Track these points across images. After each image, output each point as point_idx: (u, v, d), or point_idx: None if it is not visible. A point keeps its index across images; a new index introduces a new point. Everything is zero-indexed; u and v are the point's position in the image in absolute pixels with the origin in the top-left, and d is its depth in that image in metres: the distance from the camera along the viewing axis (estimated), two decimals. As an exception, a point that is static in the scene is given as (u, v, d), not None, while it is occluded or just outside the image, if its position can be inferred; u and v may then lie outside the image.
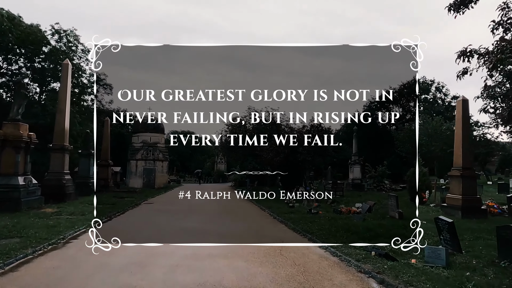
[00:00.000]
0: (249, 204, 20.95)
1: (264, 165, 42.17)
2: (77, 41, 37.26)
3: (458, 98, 18.90)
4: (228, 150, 40.73)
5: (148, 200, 22.69)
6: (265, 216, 15.85)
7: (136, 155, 38.19)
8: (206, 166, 75.02)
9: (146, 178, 38.15)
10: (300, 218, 13.71)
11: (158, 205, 20.19)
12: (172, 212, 16.80)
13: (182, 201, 22.47)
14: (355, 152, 30.44)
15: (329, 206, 18.22)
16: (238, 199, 25.06)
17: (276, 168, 27.61)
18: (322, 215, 14.69)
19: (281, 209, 16.67)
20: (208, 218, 14.80)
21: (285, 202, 18.42)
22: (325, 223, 12.19)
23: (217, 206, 19.94)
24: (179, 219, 14.07)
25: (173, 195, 28.37)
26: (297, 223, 12.43)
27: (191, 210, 17.53)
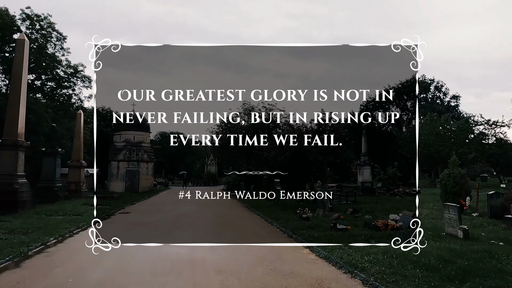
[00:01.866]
0: (249, 214, 16.89)
1: (261, 166, 38.24)
2: (52, 28, 32.73)
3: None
4: (220, 151, 36.55)
5: (126, 208, 18.41)
6: (275, 232, 11.78)
7: (118, 156, 33.79)
8: (196, 168, 70.64)
9: (129, 181, 33.77)
10: (326, 237, 9.70)
11: (135, 215, 15.97)
12: (151, 226, 12.61)
13: (166, 209, 18.28)
14: (364, 152, 26.64)
15: (352, 216, 14.30)
16: (234, 205, 20.93)
17: (276, 169, 23.68)
18: (351, 231, 10.76)
19: (293, 222, 12.66)
20: (197, 236, 10.66)
21: (297, 213, 14.38)
22: (373, 251, 8.13)
23: (210, 216, 15.82)
24: (158, 238, 9.91)
25: (157, 200, 24.11)
26: (330, 250, 8.36)
27: (176, 223, 13.36)
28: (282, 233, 11.40)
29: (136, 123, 35.19)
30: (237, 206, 20.09)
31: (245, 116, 31.67)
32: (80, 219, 13.45)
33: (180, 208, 18.61)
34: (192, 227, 12.47)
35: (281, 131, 20.24)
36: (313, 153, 17.75)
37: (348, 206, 18.52)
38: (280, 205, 19.29)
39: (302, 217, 13.56)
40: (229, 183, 37.18)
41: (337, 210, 16.56)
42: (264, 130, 31.20)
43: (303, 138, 18.14)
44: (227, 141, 31.68)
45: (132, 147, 34.20)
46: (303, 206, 18.48)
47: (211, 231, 11.69)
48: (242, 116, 31.83)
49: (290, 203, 20.99)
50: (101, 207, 18.37)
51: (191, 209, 18.38)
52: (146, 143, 35.76)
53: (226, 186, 38.07)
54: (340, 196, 22.60)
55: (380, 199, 21.77)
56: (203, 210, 17.99)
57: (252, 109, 31.51)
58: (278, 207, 18.19)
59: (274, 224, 12.96)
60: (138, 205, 20.80)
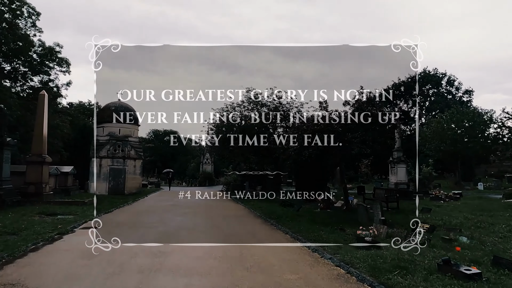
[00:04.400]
0: (271, 230, 11.42)
1: (272, 164, 32.94)
2: (22, 1, 27.10)
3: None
4: (219, 148, 31.08)
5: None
6: (347, 280, 6.41)
7: (100, 152, 28.18)
8: (191, 167, 65.05)
9: (113, 181, 28.19)
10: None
11: (102, 232, 10.54)
12: (115, 265, 7.24)
13: (151, 222, 12.87)
14: (398, 147, 21.37)
15: (436, 238, 9.08)
16: (242, 215, 15.52)
17: (295, 167, 18.64)
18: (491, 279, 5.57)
19: (351, 252, 7.43)
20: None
21: (356, 234, 9.00)
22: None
23: (214, 233, 10.45)
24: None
25: (143, 206, 18.64)
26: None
27: (161, 258, 7.96)
28: (360, 282, 6.06)
29: (122, 113, 29.54)
30: (248, 217, 14.72)
31: (251, 106, 26.24)
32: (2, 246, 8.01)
33: (170, 221, 13.20)
34: (187, 266, 7.05)
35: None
36: (355, 144, 12.49)
37: (399, 217, 13.40)
38: (306, 215, 14.04)
39: (361, 237, 8.28)
40: (229, 183, 31.79)
41: (394, 223, 11.41)
42: (276, 121, 25.85)
43: (339, 125, 12.90)
44: (227, 137, 26.33)
45: (117, 142, 28.61)
46: (338, 217, 13.32)
47: (223, 281, 6.31)
48: (248, 108, 26.41)
49: (313, 211, 15.80)
50: (64, 216, 12.97)
51: (185, 222, 12.96)
52: (134, 138, 30.19)
53: (225, 187, 32.64)
54: (373, 200, 17.47)
55: (426, 205, 16.64)
56: (202, 224, 12.57)
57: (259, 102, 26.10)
58: (305, 219, 12.94)
59: (325, 256, 7.59)
60: (115, 213, 15.34)
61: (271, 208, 16.56)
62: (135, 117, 30.68)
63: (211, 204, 20.33)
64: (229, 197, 25.46)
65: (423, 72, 49.10)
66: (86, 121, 41.20)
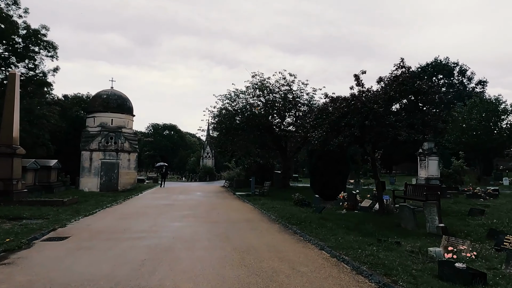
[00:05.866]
0: (298, 243, 8.33)
1: (273, 157, 29.97)
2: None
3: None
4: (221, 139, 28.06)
5: (68, 227, 10.02)
6: None
7: (91, 144, 25.19)
8: (191, 162, 62.06)
9: (105, 177, 25.24)
10: None
11: (66, 249, 7.56)
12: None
13: (140, 227, 9.95)
14: (429, 136, 18.32)
15: None
16: (254, 219, 12.50)
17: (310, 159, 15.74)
18: None
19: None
20: None
21: (441, 256, 6.12)
22: None
23: (223, 250, 7.49)
24: None
25: (133, 207, 15.66)
26: None
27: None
28: None
29: (115, 102, 26.56)
30: (261, 221, 11.72)
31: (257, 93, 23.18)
32: None
33: (164, 228, 10.25)
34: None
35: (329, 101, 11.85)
36: (402, 129, 9.49)
37: (451, 221, 10.51)
38: (332, 218, 11.11)
39: (455, 266, 5.31)
40: (233, 178, 28.84)
41: (452, 231, 8.54)
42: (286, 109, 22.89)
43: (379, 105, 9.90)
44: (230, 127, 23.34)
45: (110, 133, 25.60)
46: (374, 222, 10.44)
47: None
48: (253, 94, 23.37)
49: (337, 212, 12.90)
50: (26, 223, 10.02)
51: (183, 230, 10.00)
52: (128, 129, 27.15)
53: (228, 182, 29.65)
54: (404, 199, 14.58)
55: (469, 204, 13.72)
56: (205, 234, 9.58)
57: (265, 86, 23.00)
58: (335, 224, 10.04)
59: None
60: (97, 217, 12.37)
61: (286, 209, 13.63)
62: (129, 106, 27.67)
63: (214, 203, 17.38)
64: (233, 194, 22.53)
65: (434, 62, 46.02)
66: (79, 112, 38.07)
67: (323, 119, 11.43)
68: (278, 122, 23.92)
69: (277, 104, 22.96)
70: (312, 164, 17.10)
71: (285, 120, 24.29)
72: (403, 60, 11.15)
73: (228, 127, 23.18)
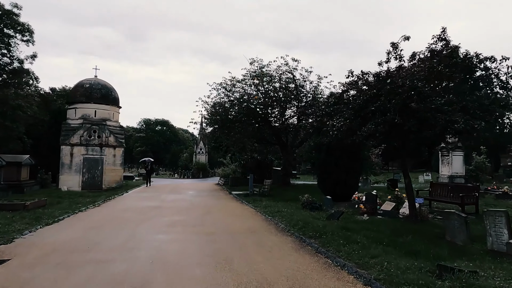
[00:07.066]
0: (326, 272, 5.66)
1: (272, 153, 27.53)
2: None
3: None
4: (214, 134, 25.50)
5: (13, 245, 7.45)
6: None
7: (72, 138, 22.46)
8: (183, 158, 59.38)
9: (88, 174, 22.54)
10: None
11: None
12: None
13: (111, 243, 7.47)
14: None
15: None
16: (259, 229, 9.96)
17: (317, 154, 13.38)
18: None
19: None
20: None
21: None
22: None
23: (222, 286, 5.10)
24: None
25: (114, 209, 13.07)
26: None
27: None
28: None
29: (98, 92, 23.80)
30: (269, 232, 9.25)
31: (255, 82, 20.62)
32: None
33: (142, 245, 7.76)
34: None
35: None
36: (457, 115, 7.14)
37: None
38: (356, 228, 8.74)
39: None
40: (228, 175, 26.36)
41: None
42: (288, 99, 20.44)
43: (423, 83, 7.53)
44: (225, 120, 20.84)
45: (93, 126, 22.87)
46: (409, 233, 8.11)
47: None
48: (252, 83, 20.82)
49: (357, 218, 10.56)
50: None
51: (167, 248, 7.51)
52: (114, 121, 24.43)
53: (223, 179, 27.14)
54: (430, 201, 12.33)
55: (500, 205, 11.50)
56: (196, 255, 7.07)
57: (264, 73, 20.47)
58: (362, 236, 7.68)
59: None
60: (61, 226, 9.83)
61: (294, 213, 11.24)
62: (114, 97, 24.92)
63: (208, 205, 14.90)
64: (229, 193, 20.07)
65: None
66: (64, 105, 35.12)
67: (344, 103, 9.01)
68: (278, 114, 21.47)
69: (279, 93, 20.49)
70: (320, 159, 14.71)
71: (286, 112, 21.85)
72: (444, 30, 8.76)
73: (223, 119, 20.65)
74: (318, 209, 12.27)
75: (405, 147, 9.72)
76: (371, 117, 8.48)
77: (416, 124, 7.66)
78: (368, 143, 9.76)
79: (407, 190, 10.01)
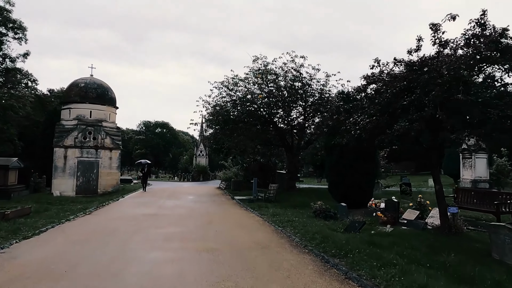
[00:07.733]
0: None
1: (277, 156, 26.15)
2: None
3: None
4: (216, 135, 24.12)
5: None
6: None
7: (66, 140, 21.09)
8: (183, 160, 58.01)
9: (83, 178, 21.17)
10: None
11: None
12: None
13: (94, 264, 6.12)
14: (475, 128, 14.87)
15: None
16: (270, 244, 8.53)
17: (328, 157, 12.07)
18: None
19: None
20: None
21: None
22: None
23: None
24: None
25: (105, 218, 11.67)
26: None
27: None
28: None
29: (94, 92, 22.47)
30: (282, 249, 7.83)
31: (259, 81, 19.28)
32: None
33: (131, 266, 6.40)
34: None
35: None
36: (509, 108, 5.86)
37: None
38: (383, 243, 7.41)
39: None
40: (230, 179, 24.98)
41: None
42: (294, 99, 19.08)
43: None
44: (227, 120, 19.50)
45: (88, 127, 21.50)
46: (449, 250, 6.74)
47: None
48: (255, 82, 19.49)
49: (380, 230, 9.22)
50: None
51: (161, 272, 6.15)
52: (110, 123, 23.08)
53: (225, 183, 25.74)
54: (458, 207, 10.92)
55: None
56: (197, 285, 5.73)
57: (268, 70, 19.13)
58: (396, 255, 6.31)
59: None
60: (38, 241, 8.48)
61: (307, 223, 9.90)
62: (111, 97, 23.59)
63: (210, 212, 13.52)
64: (231, 198, 18.70)
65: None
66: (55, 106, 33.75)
67: (368, 98, 7.68)
68: (283, 115, 20.13)
69: (283, 92, 19.15)
70: (332, 162, 13.37)
71: (291, 113, 20.52)
72: (484, 13, 7.44)
73: (226, 119, 19.31)
74: (332, 218, 10.92)
75: (437, 147, 8.37)
76: (400, 113, 7.17)
77: (459, 121, 6.32)
78: (396, 144, 8.35)
79: (438, 197, 8.66)
